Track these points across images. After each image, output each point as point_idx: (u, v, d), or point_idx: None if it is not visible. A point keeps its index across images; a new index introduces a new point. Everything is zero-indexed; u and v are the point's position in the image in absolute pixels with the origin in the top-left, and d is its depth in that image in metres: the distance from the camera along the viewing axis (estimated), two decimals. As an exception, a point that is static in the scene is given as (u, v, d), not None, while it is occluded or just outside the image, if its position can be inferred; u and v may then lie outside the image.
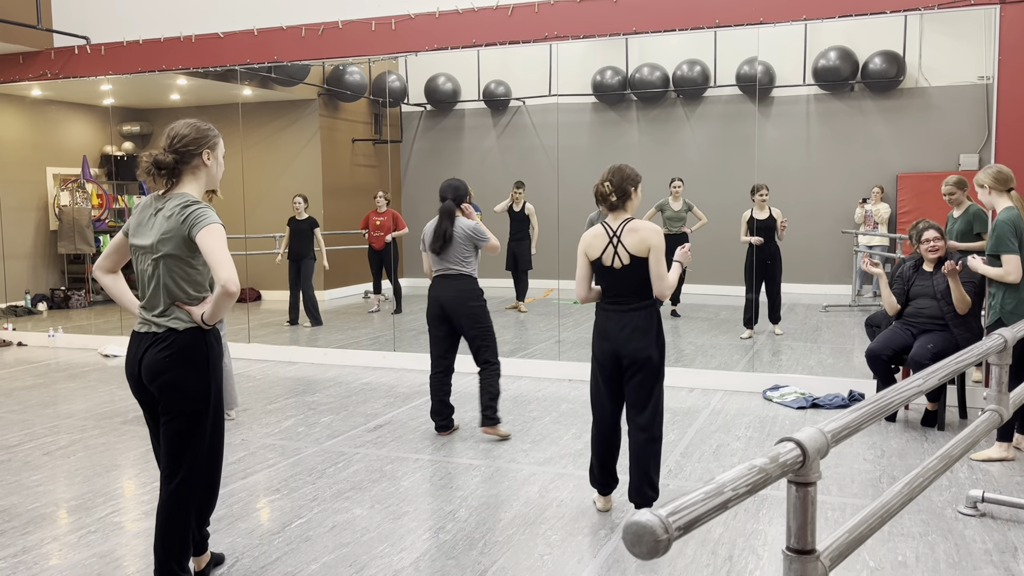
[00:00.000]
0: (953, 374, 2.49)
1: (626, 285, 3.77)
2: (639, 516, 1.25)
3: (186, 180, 2.96)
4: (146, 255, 2.94)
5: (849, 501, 4.06)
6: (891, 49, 9.19)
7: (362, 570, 3.35)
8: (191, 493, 3.02)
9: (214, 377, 2.99)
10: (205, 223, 2.82)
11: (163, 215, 2.89)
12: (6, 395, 6.52)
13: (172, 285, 2.91)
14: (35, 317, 10.36)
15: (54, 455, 4.93)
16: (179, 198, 2.89)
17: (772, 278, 7.98)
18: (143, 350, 2.94)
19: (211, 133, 3.00)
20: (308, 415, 5.79)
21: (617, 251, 3.76)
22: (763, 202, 7.94)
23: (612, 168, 3.88)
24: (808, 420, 5.55)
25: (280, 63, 8.04)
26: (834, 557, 1.67)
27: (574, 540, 3.63)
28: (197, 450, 2.99)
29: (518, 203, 9.73)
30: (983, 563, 3.34)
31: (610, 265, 3.77)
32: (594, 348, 3.87)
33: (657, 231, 3.77)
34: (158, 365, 2.90)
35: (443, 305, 5.10)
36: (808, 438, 1.56)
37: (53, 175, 11.17)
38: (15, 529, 3.81)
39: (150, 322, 2.94)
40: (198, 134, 2.95)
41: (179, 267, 2.90)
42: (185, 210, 2.85)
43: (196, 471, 3.01)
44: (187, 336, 2.91)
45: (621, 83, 10.20)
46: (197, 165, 2.96)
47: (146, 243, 2.92)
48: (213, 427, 3.06)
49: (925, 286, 5.35)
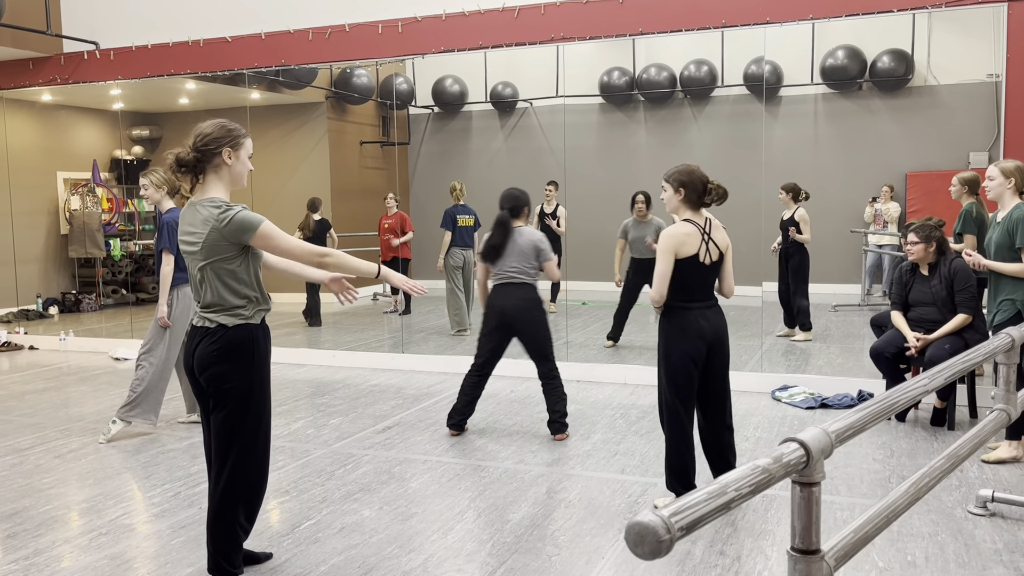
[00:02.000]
0: (961, 373, 2.48)
1: (709, 282, 3.86)
2: (641, 517, 1.26)
3: (210, 179, 3.04)
4: (194, 259, 3.04)
5: (858, 501, 4.05)
6: (899, 47, 9.16)
7: (371, 571, 3.36)
8: (237, 488, 3.09)
9: (259, 373, 3.08)
10: (252, 223, 2.94)
11: (201, 220, 2.98)
12: (18, 398, 6.57)
13: (219, 284, 3.02)
14: (46, 321, 10.43)
15: (65, 458, 4.96)
16: (211, 203, 2.99)
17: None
18: (196, 343, 3.08)
19: (235, 132, 3.08)
20: (317, 417, 5.81)
21: (708, 248, 3.81)
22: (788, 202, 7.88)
23: (692, 167, 3.88)
24: (817, 420, 5.53)
25: (288, 66, 8.07)
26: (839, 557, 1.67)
27: (582, 541, 3.63)
28: (242, 444, 3.07)
29: (550, 203, 9.25)
30: (993, 563, 3.33)
31: (702, 261, 3.79)
32: (685, 349, 3.80)
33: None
34: (206, 359, 3.02)
35: (504, 314, 5.06)
36: (812, 438, 1.56)
37: (64, 179, 11.25)
38: (27, 532, 3.84)
39: (203, 317, 3.07)
40: (221, 132, 3.03)
41: (222, 266, 3.00)
42: (224, 217, 2.94)
43: (241, 466, 3.08)
44: (235, 332, 3.02)
45: (628, 84, 10.20)
46: (219, 164, 3.03)
47: (192, 249, 3.03)
48: (257, 422, 3.11)
49: (924, 292, 5.26)
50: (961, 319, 5.08)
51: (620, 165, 10.38)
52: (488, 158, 11.15)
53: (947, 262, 5.21)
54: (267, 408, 3.15)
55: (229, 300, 3.02)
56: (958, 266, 5.10)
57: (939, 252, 5.24)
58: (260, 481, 3.19)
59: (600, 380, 6.67)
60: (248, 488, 3.13)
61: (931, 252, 5.21)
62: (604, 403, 5.99)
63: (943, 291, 5.16)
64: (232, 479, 3.07)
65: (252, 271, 3.06)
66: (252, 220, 2.95)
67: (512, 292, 5.04)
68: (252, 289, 3.06)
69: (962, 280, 5.08)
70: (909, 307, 5.35)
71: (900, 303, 5.37)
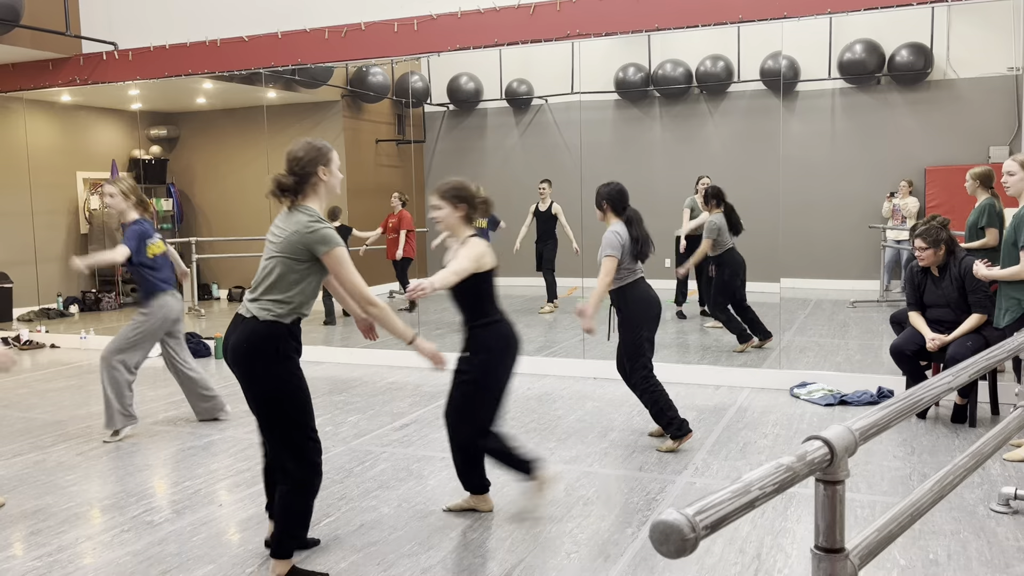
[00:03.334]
0: (984, 370, 2.46)
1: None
2: (666, 515, 1.26)
3: (308, 195, 3.21)
4: (270, 249, 3.18)
5: (879, 499, 4.03)
6: (918, 41, 9.08)
7: (390, 568, 3.37)
8: (294, 484, 3.18)
9: (285, 369, 3.13)
10: (331, 245, 3.10)
11: (293, 221, 3.14)
12: (40, 396, 6.64)
13: (278, 277, 3.13)
14: (67, 319, 10.53)
15: (87, 455, 5.01)
16: (306, 211, 3.15)
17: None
18: (231, 331, 3.20)
19: (324, 150, 3.23)
20: (335, 414, 5.83)
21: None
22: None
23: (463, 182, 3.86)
24: (836, 417, 5.50)
25: (304, 65, 8.10)
26: (863, 556, 1.66)
27: (601, 538, 3.63)
28: (287, 439, 3.15)
29: (544, 202, 9.58)
30: (1016, 561, 3.30)
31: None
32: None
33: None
34: (234, 350, 3.15)
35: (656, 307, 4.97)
36: (836, 436, 1.55)
37: (83, 179, 11.34)
38: (50, 528, 3.88)
39: (245, 305, 3.20)
40: (313, 153, 3.20)
41: (291, 264, 3.11)
42: (311, 226, 3.10)
43: (294, 460, 3.16)
44: (265, 326, 3.11)
45: (644, 80, 10.16)
46: (315, 182, 3.21)
47: (274, 240, 3.17)
48: (282, 416, 3.15)
49: (937, 295, 5.20)
50: (976, 319, 5.03)
51: (636, 161, 10.35)
52: (503, 155, 11.14)
53: (957, 262, 5.13)
54: (301, 405, 3.17)
55: (276, 296, 3.13)
56: (968, 265, 5.03)
57: (948, 253, 5.16)
58: (300, 476, 3.22)
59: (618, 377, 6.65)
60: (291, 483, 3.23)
61: (940, 255, 5.13)
62: (622, 400, 5.98)
63: (954, 292, 5.10)
64: (289, 474, 3.19)
65: (313, 284, 3.19)
66: (333, 238, 3.12)
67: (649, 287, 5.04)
68: (303, 297, 3.18)
69: (973, 279, 5.01)
70: (925, 308, 5.30)
71: (916, 304, 5.32)
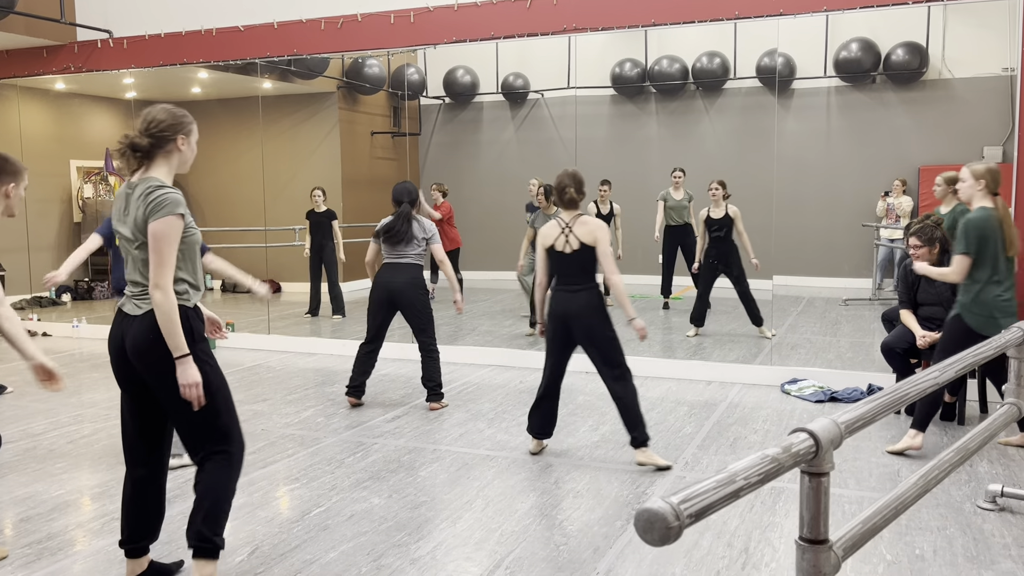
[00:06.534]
0: (971, 367, 2.48)
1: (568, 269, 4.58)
2: (651, 504, 1.27)
3: (158, 163, 3.01)
4: (128, 244, 2.98)
5: (867, 495, 4.05)
6: (914, 40, 9.10)
7: (380, 558, 3.39)
8: (234, 460, 3.19)
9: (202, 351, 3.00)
10: (162, 213, 2.86)
11: (134, 201, 2.94)
12: (31, 384, 6.62)
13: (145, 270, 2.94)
14: (59, 308, 10.51)
15: (78, 443, 5.01)
16: (147, 182, 2.94)
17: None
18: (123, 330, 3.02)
19: (186, 119, 3.07)
20: (327, 406, 5.84)
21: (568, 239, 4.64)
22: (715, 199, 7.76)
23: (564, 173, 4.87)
24: (826, 414, 5.51)
25: (300, 56, 8.08)
26: (847, 548, 1.68)
27: (590, 531, 3.64)
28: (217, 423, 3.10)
29: (604, 203, 8.81)
30: (1001, 557, 3.33)
31: (560, 251, 4.57)
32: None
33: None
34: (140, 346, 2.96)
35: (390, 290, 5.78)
36: (821, 428, 1.57)
37: (77, 168, 11.31)
38: (40, 516, 3.88)
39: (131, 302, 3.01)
40: (174, 120, 3.02)
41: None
42: (150, 196, 2.89)
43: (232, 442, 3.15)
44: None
45: (640, 75, 10.17)
46: (171, 150, 3.02)
47: (127, 234, 2.97)
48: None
49: (930, 293, 5.20)
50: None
51: (631, 157, 10.36)
52: (499, 149, 11.15)
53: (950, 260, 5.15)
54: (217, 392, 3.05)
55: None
56: None
57: (942, 251, 5.18)
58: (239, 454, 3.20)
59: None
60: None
61: (935, 253, 5.14)
62: (613, 395, 5.99)
63: (947, 290, 5.12)
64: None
65: (185, 259, 3.00)
66: (173, 203, 2.89)
67: (401, 271, 5.66)
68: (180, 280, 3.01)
69: None
70: (918, 306, 5.32)
71: (908, 302, 5.33)
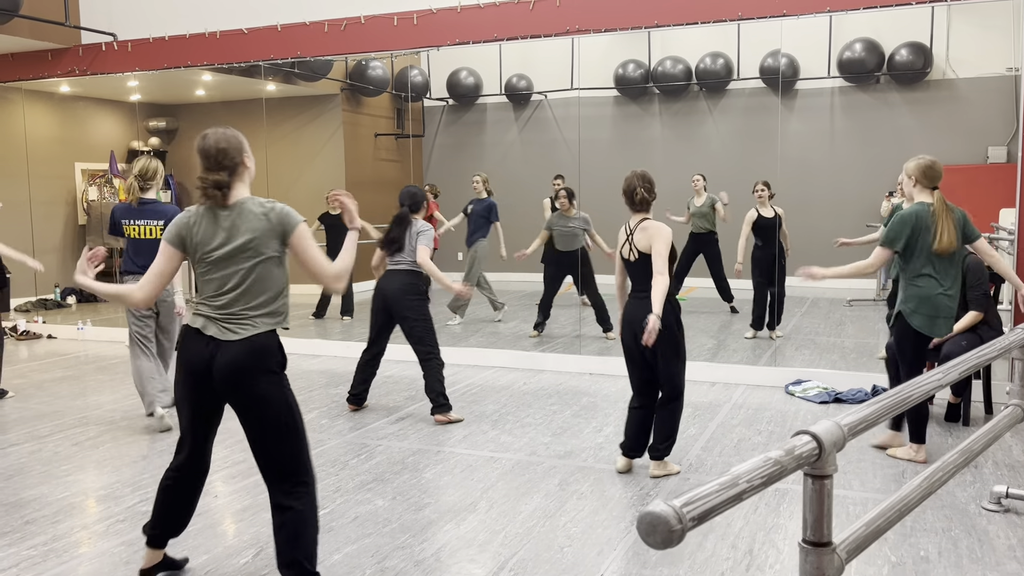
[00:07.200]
0: (975, 368, 2.47)
1: (635, 276, 4.33)
2: (654, 507, 1.27)
3: (238, 185, 3.07)
4: (226, 263, 2.99)
5: (871, 496, 4.04)
6: (918, 40, 9.07)
7: (384, 560, 3.39)
8: (310, 499, 3.29)
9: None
10: (296, 219, 3.04)
11: (245, 222, 2.97)
12: (37, 387, 6.64)
13: (260, 287, 3.05)
14: (64, 310, 10.53)
15: (83, 446, 5.02)
16: (250, 202, 3.01)
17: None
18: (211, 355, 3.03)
19: (241, 138, 3.12)
20: (331, 407, 5.84)
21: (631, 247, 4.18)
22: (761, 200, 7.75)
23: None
24: (830, 415, 5.51)
25: (303, 58, 8.10)
26: (851, 550, 1.68)
27: (594, 533, 3.64)
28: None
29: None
30: (1007, 559, 3.32)
31: (626, 258, 4.28)
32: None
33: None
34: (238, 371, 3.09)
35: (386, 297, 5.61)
36: (824, 431, 1.57)
37: (81, 170, 11.33)
38: (45, 518, 3.89)
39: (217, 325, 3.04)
40: (237, 143, 3.07)
41: (270, 267, 3.03)
42: (272, 211, 3.00)
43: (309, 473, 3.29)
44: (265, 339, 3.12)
45: (643, 76, 10.16)
46: (241, 171, 3.10)
47: (225, 253, 2.98)
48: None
49: None
50: (972, 317, 5.02)
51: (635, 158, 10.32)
52: (502, 151, 11.14)
53: None
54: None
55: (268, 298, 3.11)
56: (969, 263, 5.03)
57: None
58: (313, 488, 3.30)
59: (612, 373, 6.67)
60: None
61: None
62: (617, 396, 5.99)
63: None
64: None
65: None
66: (295, 212, 3.09)
67: (395, 278, 5.48)
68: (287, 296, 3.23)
69: (974, 277, 5.01)
70: None
71: None
